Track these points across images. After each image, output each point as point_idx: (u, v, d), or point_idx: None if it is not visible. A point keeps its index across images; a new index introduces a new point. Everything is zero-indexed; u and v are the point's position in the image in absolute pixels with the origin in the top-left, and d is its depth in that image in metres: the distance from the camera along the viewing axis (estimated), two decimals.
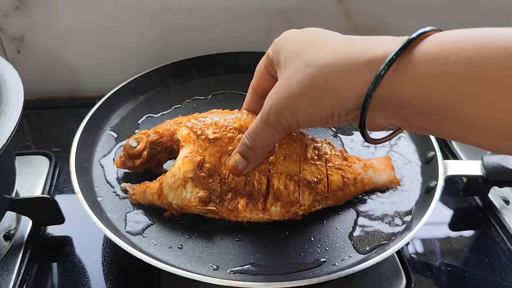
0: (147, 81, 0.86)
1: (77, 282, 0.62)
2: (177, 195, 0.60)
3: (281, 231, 0.62)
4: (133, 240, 0.60)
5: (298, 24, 0.95)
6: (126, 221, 0.62)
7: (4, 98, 0.56)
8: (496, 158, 0.69)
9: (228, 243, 0.60)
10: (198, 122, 0.64)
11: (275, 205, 0.60)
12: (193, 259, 0.58)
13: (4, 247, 0.65)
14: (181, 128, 0.65)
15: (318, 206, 0.63)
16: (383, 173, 0.68)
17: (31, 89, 0.85)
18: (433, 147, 0.72)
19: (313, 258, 0.59)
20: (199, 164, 0.60)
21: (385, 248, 0.59)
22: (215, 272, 0.56)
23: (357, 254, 0.59)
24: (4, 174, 0.61)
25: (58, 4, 0.87)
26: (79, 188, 0.62)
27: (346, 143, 0.78)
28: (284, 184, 0.60)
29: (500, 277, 0.65)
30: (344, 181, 0.64)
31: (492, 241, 0.71)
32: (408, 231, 0.59)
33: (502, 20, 0.98)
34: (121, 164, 0.68)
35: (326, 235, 0.62)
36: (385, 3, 0.94)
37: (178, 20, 0.92)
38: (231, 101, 0.86)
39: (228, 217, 0.61)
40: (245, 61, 0.91)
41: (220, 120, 0.63)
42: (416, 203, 0.66)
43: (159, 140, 0.66)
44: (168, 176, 0.61)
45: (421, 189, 0.68)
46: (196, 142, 0.62)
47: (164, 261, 0.57)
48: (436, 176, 0.67)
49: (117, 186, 0.67)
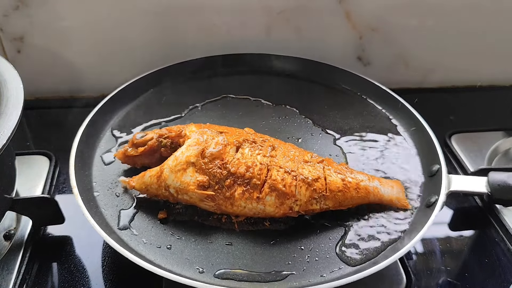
0: (152, 81, 0.87)
1: (77, 282, 0.62)
2: (177, 177, 0.61)
3: (272, 238, 0.62)
4: (123, 237, 0.60)
5: (298, 24, 0.96)
6: (119, 217, 0.63)
7: (4, 98, 0.56)
8: (503, 176, 0.66)
9: (217, 246, 0.60)
10: (207, 125, 0.69)
11: (270, 195, 0.60)
12: (180, 260, 0.58)
13: (4, 247, 0.65)
14: (189, 126, 0.68)
15: (315, 205, 0.62)
16: (390, 188, 0.66)
17: (31, 89, 0.85)
18: (438, 160, 0.69)
19: (301, 267, 0.58)
20: (203, 151, 0.62)
21: (375, 261, 0.58)
22: (200, 275, 0.56)
23: (347, 266, 0.59)
24: (4, 174, 0.61)
25: (58, 4, 0.87)
26: (75, 183, 0.63)
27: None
28: (282, 176, 0.61)
29: (500, 277, 0.65)
30: (344, 184, 0.63)
31: (492, 241, 0.71)
32: (401, 247, 0.58)
33: (502, 20, 0.98)
34: (122, 154, 0.69)
35: (317, 245, 0.61)
36: (385, 3, 0.94)
37: (178, 20, 0.92)
38: (230, 107, 0.86)
39: (223, 205, 0.61)
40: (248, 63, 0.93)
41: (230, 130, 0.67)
42: (413, 218, 0.64)
43: (167, 134, 0.68)
44: (171, 159, 0.63)
45: (421, 202, 0.67)
46: (203, 134, 0.64)
47: (151, 260, 0.57)
48: (438, 191, 0.65)
49: (115, 183, 0.68)
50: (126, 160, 0.69)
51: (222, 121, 0.81)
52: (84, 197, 0.62)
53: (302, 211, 0.62)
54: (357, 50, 1.00)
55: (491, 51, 1.03)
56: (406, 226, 0.63)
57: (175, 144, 0.67)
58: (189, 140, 0.64)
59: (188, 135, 0.65)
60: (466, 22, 0.98)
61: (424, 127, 0.76)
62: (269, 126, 0.81)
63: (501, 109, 0.99)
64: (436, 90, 1.08)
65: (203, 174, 0.61)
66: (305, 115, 0.84)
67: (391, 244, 0.61)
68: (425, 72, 1.05)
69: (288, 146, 0.68)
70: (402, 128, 0.81)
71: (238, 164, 0.61)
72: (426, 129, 0.76)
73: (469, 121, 0.96)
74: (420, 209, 0.66)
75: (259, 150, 0.64)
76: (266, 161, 0.62)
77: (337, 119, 0.84)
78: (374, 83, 0.88)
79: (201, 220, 0.63)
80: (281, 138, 0.76)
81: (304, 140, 0.79)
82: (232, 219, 0.63)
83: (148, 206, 0.65)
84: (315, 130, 0.81)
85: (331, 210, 0.64)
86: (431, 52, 1.02)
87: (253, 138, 0.66)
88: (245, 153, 0.63)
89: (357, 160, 0.75)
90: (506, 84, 1.09)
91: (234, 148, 0.63)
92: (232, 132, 0.67)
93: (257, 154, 0.63)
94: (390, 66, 1.03)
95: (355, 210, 0.65)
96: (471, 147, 0.86)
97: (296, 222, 0.64)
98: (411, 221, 0.64)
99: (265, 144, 0.65)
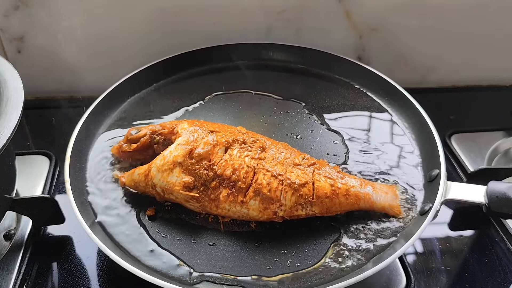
0: (151, 75, 0.87)
1: (77, 282, 0.62)
2: (163, 177, 0.61)
3: (256, 240, 0.61)
4: (106, 231, 0.60)
5: (298, 24, 0.96)
6: (105, 212, 0.63)
7: (4, 98, 0.56)
8: (502, 187, 0.61)
9: (200, 246, 0.60)
10: (200, 122, 0.67)
11: (255, 199, 0.60)
12: (162, 258, 0.58)
13: (4, 247, 0.65)
14: (182, 123, 0.67)
15: (301, 211, 0.61)
16: (384, 195, 0.64)
17: (31, 89, 0.84)
18: (439, 164, 0.67)
19: (280, 272, 0.57)
20: (191, 151, 0.62)
21: (362, 270, 0.56)
22: (177, 275, 0.56)
23: (330, 273, 0.57)
24: (4, 174, 0.61)
25: (58, 4, 0.87)
26: (68, 177, 0.63)
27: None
28: (268, 180, 0.61)
29: (500, 277, 0.65)
30: (333, 190, 0.61)
31: (492, 241, 0.71)
32: (390, 254, 0.56)
33: (502, 20, 0.98)
34: (117, 149, 0.69)
35: (301, 250, 0.60)
36: (385, 3, 0.93)
37: (178, 20, 0.92)
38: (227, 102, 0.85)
39: (208, 207, 0.61)
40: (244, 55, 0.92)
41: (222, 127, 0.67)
42: (406, 225, 0.62)
43: (160, 130, 0.68)
44: (159, 158, 0.63)
45: (416, 209, 0.65)
46: (194, 132, 0.64)
47: (132, 254, 0.58)
48: (433, 199, 0.62)
49: (109, 179, 0.68)
50: (121, 155, 0.69)
51: (222, 115, 0.81)
52: (75, 192, 0.62)
53: (287, 217, 0.61)
54: (357, 49, 1.00)
55: (491, 51, 1.03)
56: (395, 234, 0.61)
57: (168, 141, 0.67)
58: (179, 138, 0.64)
59: (180, 133, 0.65)
60: (466, 22, 0.98)
61: (430, 129, 0.73)
62: (269, 121, 0.80)
63: (501, 109, 0.99)
64: (436, 90, 1.08)
65: (189, 175, 0.61)
66: (308, 111, 0.82)
67: (379, 253, 0.59)
68: (425, 72, 1.05)
69: (280, 147, 0.66)
70: (407, 129, 0.79)
71: (225, 166, 0.61)
72: (431, 131, 0.72)
73: (469, 121, 0.96)
74: (413, 216, 0.64)
75: (248, 151, 0.63)
76: (254, 164, 0.62)
77: (339, 117, 0.82)
78: (383, 77, 0.85)
79: (188, 218, 0.63)
80: (280, 134, 0.76)
81: (303, 137, 0.77)
82: (218, 219, 0.63)
83: (138, 202, 0.65)
84: (316, 127, 0.79)
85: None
86: (431, 52, 1.02)
87: (243, 139, 0.65)
88: (234, 154, 0.62)
89: (356, 160, 0.74)
90: (506, 84, 1.09)
91: (223, 148, 0.63)
92: (224, 131, 0.66)
93: (245, 156, 0.63)
94: (390, 65, 1.03)
95: (344, 215, 0.64)
96: (471, 147, 0.86)
97: (283, 224, 0.63)
98: (402, 228, 0.62)
99: (255, 145, 0.64)
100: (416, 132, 0.77)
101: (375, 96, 0.86)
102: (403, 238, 0.60)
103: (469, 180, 0.79)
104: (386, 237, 0.61)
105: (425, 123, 0.75)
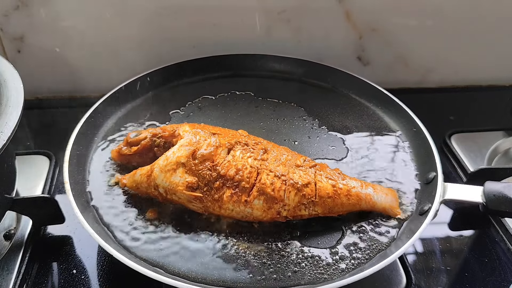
0: (151, 80, 0.87)
1: (77, 282, 0.62)
2: (166, 177, 0.61)
3: (259, 240, 0.61)
4: (110, 233, 0.60)
5: (299, 24, 0.96)
6: (108, 214, 0.63)
7: (4, 98, 0.56)
8: (499, 186, 0.62)
9: (202, 248, 0.60)
10: (201, 125, 0.68)
11: (259, 198, 0.60)
12: (164, 257, 0.58)
13: (4, 247, 0.65)
14: (183, 126, 0.68)
15: (304, 210, 0.61)
16: (384, 196, 0.65)
17: (31, 89, 0.85)
18: (435, 167, 0.68)
19: (287, 273, 0.57)
20: (194, 152, 0.62)
21: (363, 268, 0.56)
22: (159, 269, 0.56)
23: (330, 272, 0.57)
24: (4, 174, 0.61)
25: (58, 4, 0.87)
26: (68, 178, 0.63)
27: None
28: (271, 180, 0.61)
29: (500, 277, 0.65)
30: (335, 190, 0.62)
31: (492, 241, 0.71)
32: (390, 254, 0.56)
33: (502, 20, 0.98)
34: (116, 153, 0.69)
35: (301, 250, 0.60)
36: (385, 3, 0.94)
37: (178, 20, 0.92)
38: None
39: (211, 207, 0.61)
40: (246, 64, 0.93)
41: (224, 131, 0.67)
42: (405, 225, 0.63)
43: (161, 133, 0.68)
44: (162, 159, 0.63)
45: (415, 210, 0.66)
46: (196, 134, 0.64)
47: (127, 247, 0.58)
48: (432, 199, 0.63)
49: (109, 180, 0.68)
50: (120, 158, 0.69)
51: (221, 121, 0.81)
52: (75, 193, 0.62)
53: (290, 216, 0.61)
54: (357, 50, 1.00)
55: (491, 51, 1.03)
56: (395, 234, 0.62)
57: (169, 143, 0.67)
58: (182, 140, 0.64)
59: (182, 135, 0.65)
60: (466, 22, 0.98)
61: (423, 132, 0.75)
62: (266, 127, 0.81)
63: (501, 109, 0.99)
64: (436, 90, 1.08)
65: (193, 175, 0.61)
66: (305, 118, 0.84)
67: (379, 252, 0.60)
68: (425, 72, 1.06)
69: (282, 150, 0.67)
70: (402, 133, 0.81)
71: (228, 167, 0.61)
72: (425, 135, 0.75)
73: (469, 121, 0.97)
74: (413, 216, 0.64)
75: (250, 153, 0.64)
76: (257, 165, 0.62)
77: (336, 123, 0.83)
78: (376, 87, 0.87)
79: (190, 219, 0.63)
80: (278, 140, 0.77)
81: (300, 143, 0.78)
82: (221, 220, 0.63)
83: (139, 204, 0.65)
84: (313, 133, 0.81)
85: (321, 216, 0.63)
86: (431, 52, 1.02)
87: (245, 141, 0.65)
88: (236, 156, 0.63)
89: (353, 164, 0.74)
90: (506, 84, 1.09)
91: (225, 150, 0.63)
92: (225, 134, 0.67)
93: (248, 157, 0.63)
94: (390, 66, 1.03)
95: (346, 216, 0.64)
96: (471, 147, 0.86)
97: (285, 224, 0.63)
98: (402, 228, 0.63)
99: (257, 147, 0.65)
100: (411, 137, 0.79)
101: (370, 105, 0.88)
102: (403, 238, 0.61)
103: (469, 180, 0.79)
104: (386, 237, 0.62)
105: (419, 128, 0.77)
